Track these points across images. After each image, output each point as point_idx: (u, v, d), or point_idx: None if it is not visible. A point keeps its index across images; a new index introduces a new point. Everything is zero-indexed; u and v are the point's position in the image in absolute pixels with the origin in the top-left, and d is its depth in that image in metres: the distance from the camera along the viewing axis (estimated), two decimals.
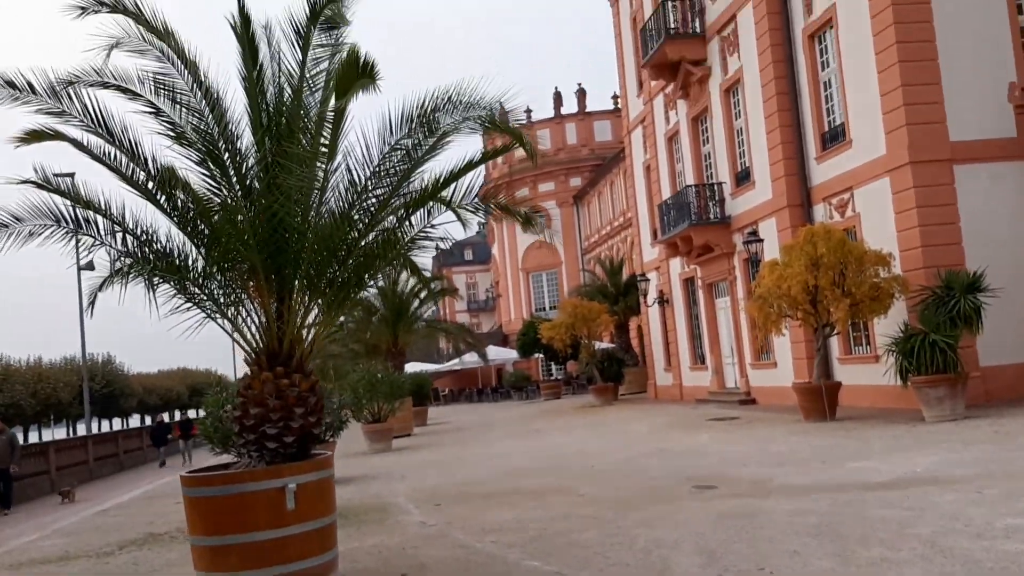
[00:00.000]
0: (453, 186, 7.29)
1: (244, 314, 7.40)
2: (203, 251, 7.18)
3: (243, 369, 7.70)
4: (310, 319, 7.49)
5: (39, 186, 7.12)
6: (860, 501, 8.64)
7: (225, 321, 7.47)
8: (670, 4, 25.87)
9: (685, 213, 25.85)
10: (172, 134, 7.22)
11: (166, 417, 75.57)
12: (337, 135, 6.98)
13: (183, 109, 7.29)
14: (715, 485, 10.69)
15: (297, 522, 6.94)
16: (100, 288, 8.33)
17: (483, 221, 75.63)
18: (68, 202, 7.09)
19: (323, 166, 7.12)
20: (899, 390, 17.64)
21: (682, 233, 25.55)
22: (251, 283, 7.31)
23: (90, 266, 27.51)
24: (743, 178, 24.11)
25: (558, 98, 62.32)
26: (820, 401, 17.14)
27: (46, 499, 23.28)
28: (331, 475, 7.30)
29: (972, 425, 13.74)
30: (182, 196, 7.20)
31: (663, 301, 30.69)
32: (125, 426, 75.45)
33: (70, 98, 6.89)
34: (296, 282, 7.22)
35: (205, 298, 7.42)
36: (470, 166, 7.29)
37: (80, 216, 7.13)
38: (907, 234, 17.56)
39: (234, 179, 7.20)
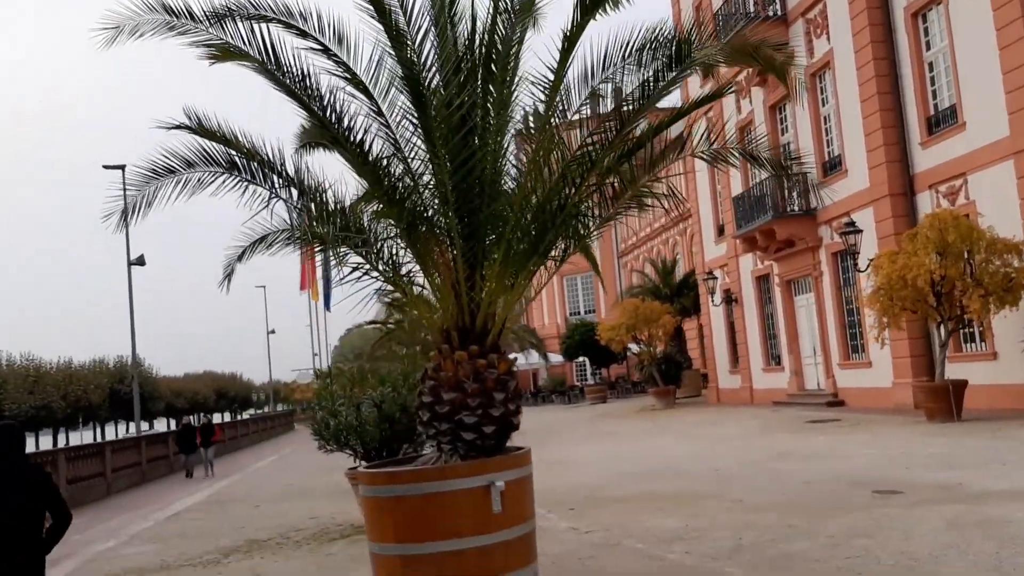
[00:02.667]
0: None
1: (431, 285, 6.29)
2: (388, 208, 6.06)
3: (280, 374, 6.54)
4: (503, 292, 6.37)
5: (193, 131, 6.04)
6: None
7: (409, 290, 6.36)
8: None
9: (763, 206, 24.64)
10: (346, 76, 6.10)
11: (193, 420, 74.51)
12: (565, 64, 5.79)
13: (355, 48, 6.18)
14: (899, 490, 9.49)
15: (503, 527, 5.82)
16: (240, 258, 7.28)
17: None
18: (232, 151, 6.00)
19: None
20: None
21: (763, 227, 24.30)
22: (439, 249, 6.20)
23: (140, 261, 26.69)
24: (831, 167, 22.86)
25: None
26: (946, 401, 15.87)
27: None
28: (531, 473, 6.17)
29: None
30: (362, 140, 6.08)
31: (731, 300, 29.44)
32: (150, 429, 73.87)
33: (236, 27, 5.80)
34: (492, 248, 6.10)
35: (386, 264, 6.32)
36: (712, 97, 6.18)
37: (252, 166, 6.04)
38: None
39: (420, 126, 6.07)
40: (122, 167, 31.54)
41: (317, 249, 6.85)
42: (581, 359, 49.50)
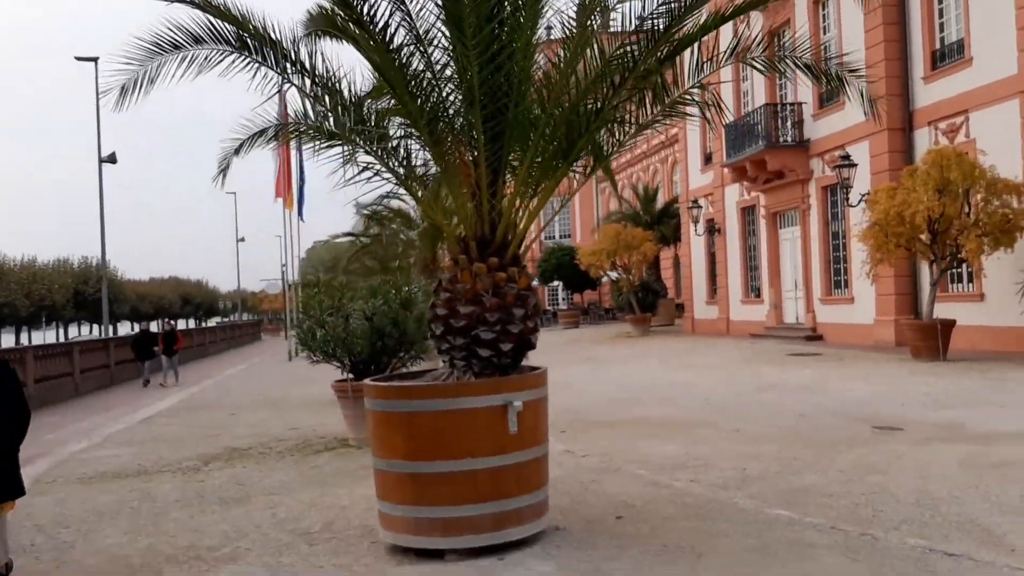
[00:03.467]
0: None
1: (450, 190, 5.86)
2: (409, 103, 5.56)
3: (248, 284, 6.11)
4: (527, 201, 5.96)
5: (197, 5, 5.48)
6: None
7: (426, 195, 5.93)
8: None
9: (754, 136, 24.19)
10: None
11: (155, 326, 72.45)
12: None
13: None
14: (899, 427, 9.34)
15: (518, 449, 5.52)
16: (238, 151, 6.79)
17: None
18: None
19: None
20: (1011, 331, 16.39)
21: (755, 156, 23.89)
22: (459, 151, 5.74)
23: (112, 159, 25.74)
24: (828, 99, 22.41)
25: None
26: (934, 340, 15.79)
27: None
28: (547, 395, 5.86)
29: None
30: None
31: (713, 230, 29.18)
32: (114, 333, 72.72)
33: None
34: (518, 153, 5.66)
35: (400, 163, 5.87)
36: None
37: (263, 48, 5.51)
38: None
39: (447, 12, 5.54)
40: (95, 59, 30.38)
41: (322, 145, 6.34)
42: (555, 283, 49.24)
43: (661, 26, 5.47)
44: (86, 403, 20.61)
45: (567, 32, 5.52)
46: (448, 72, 5.70)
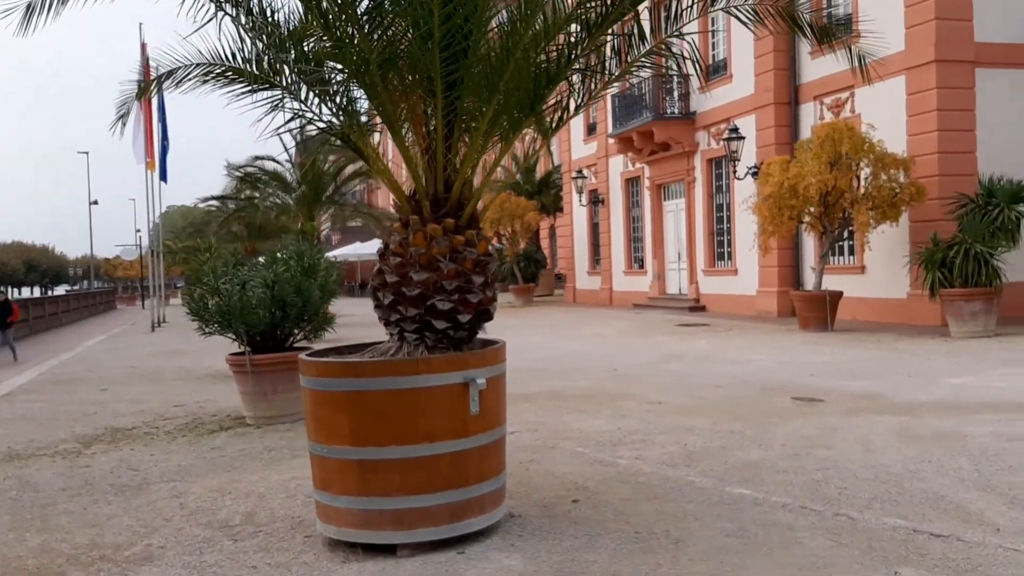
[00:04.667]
0: None
1: (399, 142, 5.22)
2: (361, 39, 4.87)
3: (103, 250, 5.46)
4: (483, 158, 5.39)
5: None
6: None
7: (371, 150, 5.27)
8: None
9: (641, 107, 24.18)
10: None
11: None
12: None
13: None
14: (819, 398, 9.30)
15: (480, 431, 5.00)
16: (139, 95, 5.96)
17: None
18: None
19: None
20: (892, 302, 16.92)
21: (642, 127, 23.89)
22: (412, 98, 5.11)
23: None
24: (715, 71, 22.56)
25: None
26: (822, 311, 16.11)
27: None
28: (505, 371, 5.35)
29: (1023, 343, 12.94)
30: None
31: (597, 201, 29.17)
32: None
33: None
34: (480, 101, 5.07)
35: (339, 109, 5.20)
36: None
37: None
38: (922, 139, 16.54)
39: None
40: None
41: (243, 90, 5.57)
42: None
43: None
44: None
45: None
46: (402, 5, 5.03)
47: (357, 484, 4.85)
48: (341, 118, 5.29)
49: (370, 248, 47.62)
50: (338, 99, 5.27)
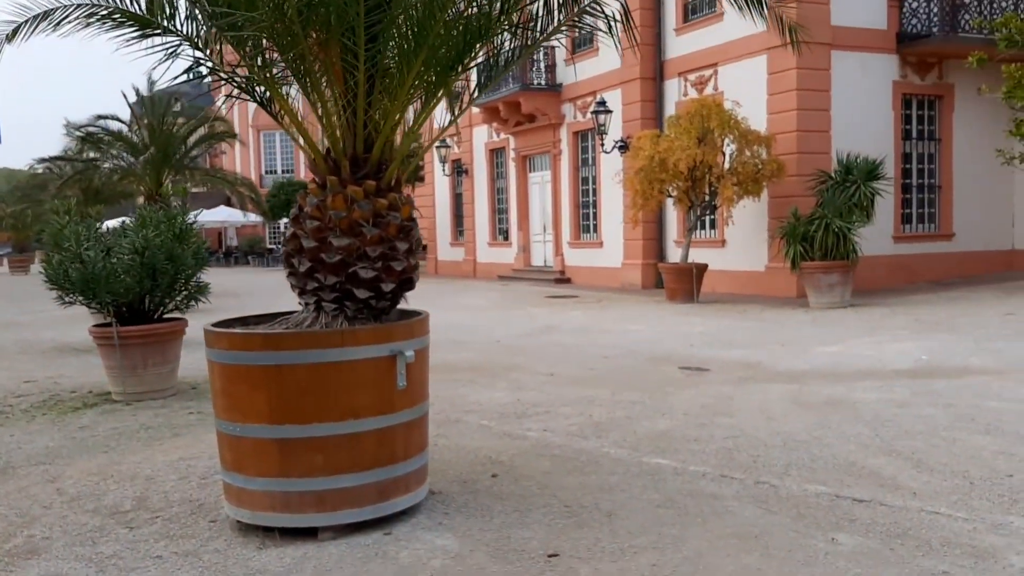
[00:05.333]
0: None
1: (316, 97, 4.83)
2: None
3: None
4: (404, 116, 5.07)
5: None
6: (932, 391, 7.74)
7: (284, 105, 4.86)
8: None
9: (506, 77, 24.01)
10: None
11: None
12: None
13: None
14: (705, 368, 9.47)
15: (407, 406, 4.73)
16: (10, 38, 5.33)
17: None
18: None
19: None
20: (751, 274, 17.54)
21: (509, 97, 23.74)
22: (328, 51, 4.73)
23: None
24: (581, 44, 22.65)
25: None
26: (689, 283, 16.51)
27: None
28: (429, 344, 5.09)
29: (877, 313, 13.62)
30: None
31: (460, 171, 28.92)
32: None
33: None
34: (401, 57, 4.75)
35: (251, 60, 4.77)
36: None
37: None
38: (781, 117, 17.13)
39: None
40: None
41: (133, 35, 5.04)
42: (284, 220, 46.89)
43: None
44: None
45: None
46: None
47: (276, 465, 4.50)
48: (256, 68, 4.85)
49: (216, 216, 45.67)
50: (247, 47, 4.84)
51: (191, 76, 5.28)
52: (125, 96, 25.26)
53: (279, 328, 4.88)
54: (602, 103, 20.19)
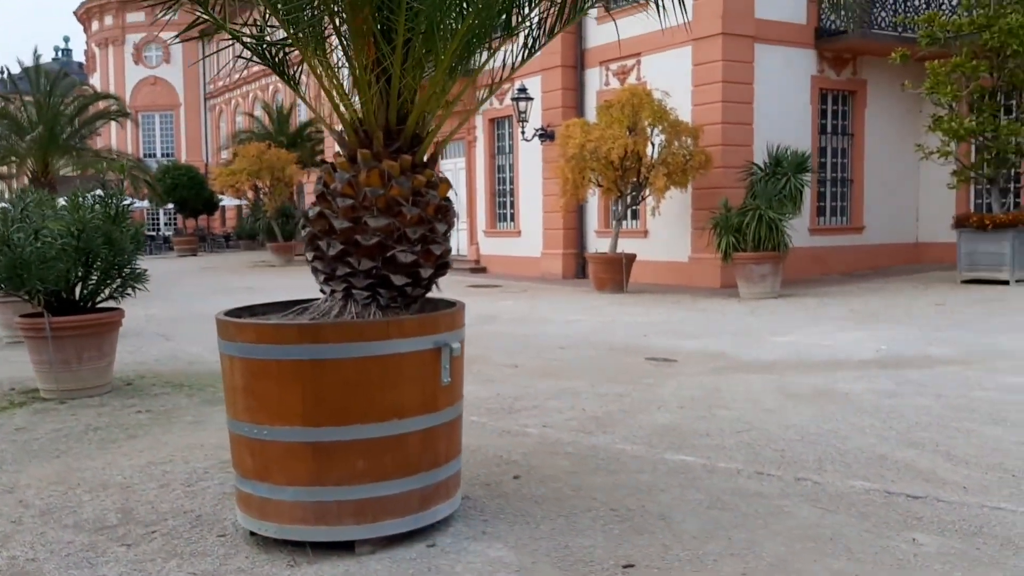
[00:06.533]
0: None
1: (354, 63, 4.34)
2: None
3: None
4: (444, 86, 4.62)
5: None
6: (912, 381, 7.75)
7: (319, 65, 4.35)
8: None
9: None
10: None
11: None
12: None
13: None
14: (671, 359, 9.30)
15: (449, 403, 4.31)
16: None
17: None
18: None
19: None
20: (675, 265, 17.61)
21: (421, 83, 23.10)
22: (364, 12, 4.24)
23: None
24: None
25: None
26: (618, 272, 16.41)
27: None
28: (465, 336, 4.67)
29: (810, 303, 13.79)
30: None
31: None
32: None
33: None
34: (446, 18, 4.30)
35: (284, 15, 4.23)
36: None
37: None
38: (706, 109, 17.21)
39: None
40: None
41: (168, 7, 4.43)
42: (170, 206, 44.86)
43: None
44: None
45: None
46: None
47: (310, 472, 4.01)
48: (288, 25, 4.32)
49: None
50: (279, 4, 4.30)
51: (200, 36, 4.67)
52: (7, 70, 23.47)
53: (305, 319, 4.38)
54: (523, 90, 19.88)
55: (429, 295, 4.75)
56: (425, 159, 4.52)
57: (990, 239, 14.64)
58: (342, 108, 4.44)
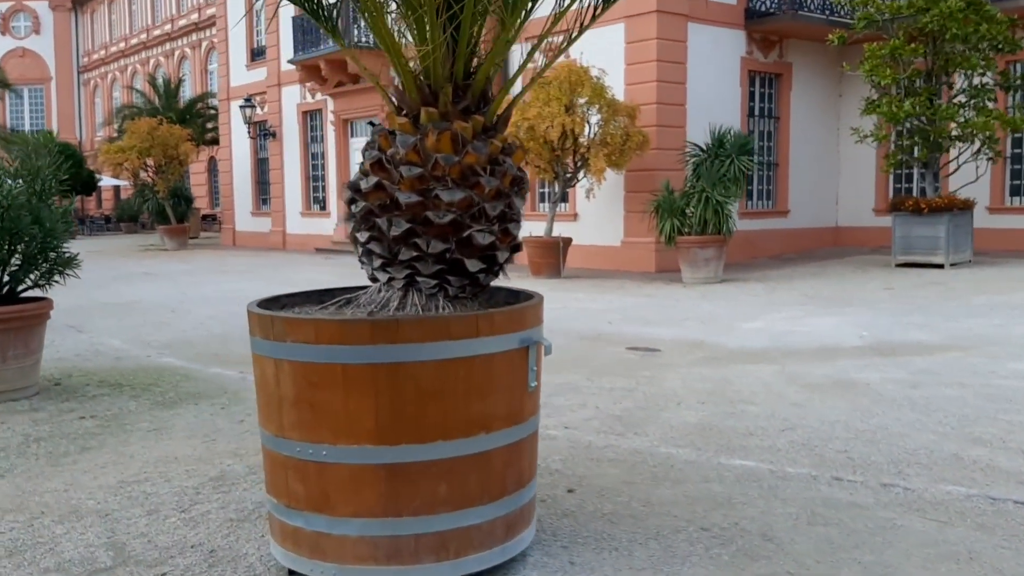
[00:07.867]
0: None
1: (408, 11, 3.60)
2: None
3: None
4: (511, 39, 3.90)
5: None
6: (925, 370, 7.44)
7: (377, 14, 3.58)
8: None
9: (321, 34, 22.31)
10: None
11: None
12: None
13: None
14: (653, 348, 8.79)
15: (534, 413, 3.64)
16: None
17: None
18: None
19: None
20: (607, 249, 17.23)
21: (332, 55, 22.03)
22: None
23: None
24: None
25: None
26: (556, 257, 15.86)
27: None
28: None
29: (757, 287, 13.58)
30: None
31: (267, 134, 26.73)
32: None
33: None
34: None
35: None
36: None
37: None
38: (641, 88, 16.81)
39: None
40: None
41: None
42: None
43: None
44: None
45: None
46: None
47: (383, 499, 3.27)
48: None
49: None
50: None
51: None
52: None
53: (339, 313, 3.62)
54: None
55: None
56: (496, 121, 3.79)
57: (926, 223, 14.74)
58: (406, 58, 3.67)
